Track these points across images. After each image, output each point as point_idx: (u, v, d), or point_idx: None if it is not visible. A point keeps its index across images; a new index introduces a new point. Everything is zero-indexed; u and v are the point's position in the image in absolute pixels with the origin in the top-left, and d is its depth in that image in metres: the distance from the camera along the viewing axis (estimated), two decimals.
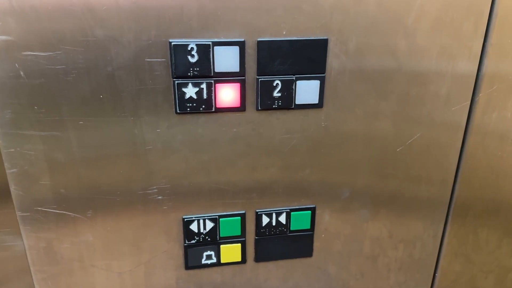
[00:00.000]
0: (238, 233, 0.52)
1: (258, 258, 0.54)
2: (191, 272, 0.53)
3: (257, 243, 0.53)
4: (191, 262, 0.52)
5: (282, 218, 0.52)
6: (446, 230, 0.57)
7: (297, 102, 0.46)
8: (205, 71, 0.43)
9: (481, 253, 0.59)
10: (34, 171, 0.45)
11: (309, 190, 0.52)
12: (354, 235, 0.55)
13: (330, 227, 0.54)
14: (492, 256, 0.60)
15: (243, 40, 0.43)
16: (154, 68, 0.43)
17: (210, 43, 0.42)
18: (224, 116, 0.46)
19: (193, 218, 0.50)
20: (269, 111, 0.47)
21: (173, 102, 0.44)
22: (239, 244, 0.52)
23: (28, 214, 0.47)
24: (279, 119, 0.47)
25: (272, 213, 0.51)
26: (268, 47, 0.43)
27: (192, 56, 0.42)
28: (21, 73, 0.41)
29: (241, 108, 0.46)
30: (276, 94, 0.45)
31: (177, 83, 0.43)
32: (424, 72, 0.48)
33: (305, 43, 0.44)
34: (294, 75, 0.45)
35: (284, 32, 0.43)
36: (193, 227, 0.50)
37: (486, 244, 0.59)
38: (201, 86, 0.44)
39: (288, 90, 0.45)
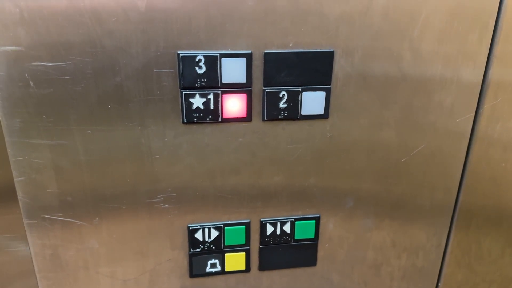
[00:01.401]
0: (243, 241, 0.52)
1: (262, 267, 0.54)
2: (196, 280, 0.54)
3: (261, 251, 0.53)
4: (196, 270, 0.52)
5: (287, 227, 0.52)
6: (450, 239, 0.57)
7: (302, 113, 0.47)
8: (212, 82, 0.44)
9: (484, 262, 0.60)
10: (42, 179, 0.45)
11: (314, 199, 0.52)
12: (358, 244, 0.55)
13: (334, 236, 0.54)
14: (495, 266, 0.60)
15: (250, 52, 0.43)
16: (162, 78, 0.43)
17: (218, 54, 0.43)
18: (230, 126, 0.46)
19: (198, 227, 0.50)
20: (275, 122, 0.47)
21: (180, 112, 0.45)
22: (244, 253, 0.53)
23: (35, 221, 0.47)
24: (284, 130, 0.48)
25: (276, 222, 0.52)
26: (275, 59, 0.44)
27: (200, 67, 0.43)
28: (31, 82, 0.41)
29: (248, 118, 0.46)
30: (282, 105, 0.46)
31: (184, 93, 0.44)
32: (429, 83, 0.48)
33: (311, 55, 0.44)
34: (300, 86, 0.46)
35: (290, 44, 0.44)
36: (198, 235, 0.51)
37: (489, 253, 0.59)
38: (208, 97, 0.44)
39: (294, 101, 0.46)
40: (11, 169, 0.44)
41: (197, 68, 0.43)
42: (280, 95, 0.45)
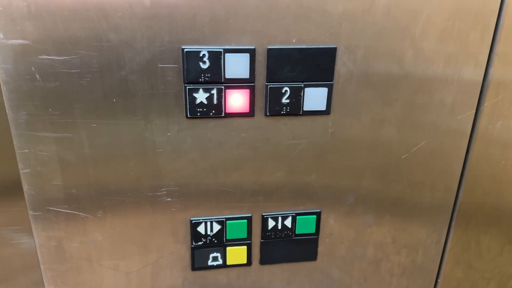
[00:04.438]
0: (244, 235, 0.53)
1: (263, 261, 0.55)
2: (197, 273, 0.54)
3: (262, 246, 0.54)
4: (198, 263, 0.53)
5: (288, 222, 0.53)
6: (449, 236, 0.57)
7: (305, 109, 0.47)
8: (216, 77, 0.44)
9: (483, 260, 0.60)
10: (47, 171, 0.46)
11: (315, 194, 0.52)
12: (358, 240, 0.56)
13: (334, 231, 0.55)
14: (494, 263, 0.60)
15: (253, 47, 0.44)
16: (166, 73, 0.44)
17: (222, 50, 0.43)
18: (233, 121, 0.47)
19: (201, 220, 0.51)
20: (277, 117, 0.47)
21: (184, 107, 0.45)
22: (245, 247, 0.53)
23: (40, 213, 0.48)
24: (286, 125, 0.48)
25: (278, 216, 0.52)
26: (278, 55, 0.44)
27: (204, 62, 0.43)
28: (37, 76, 0.42)
29: (250, 113, 0.47)
30: (284, 100, 0.46)
31: (188, 88, 0.44)
32: (430, 81, 0.48)
33: (314, 51, 0.45)
34: (302, 82, 0.46)
35: (293, 40, 0.44)
36: (200, 229, 0.51)
37: (488, 251, 0.59)
38: (212, 92, 0.45)
39: (297, 96, 0.46)
40: (17, 161, 0.45)
41: (201, 63, 0.43)
42: (283, 91, 0.46)
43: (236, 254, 0.53)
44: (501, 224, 0.58)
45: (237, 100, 0.46)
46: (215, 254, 0.53)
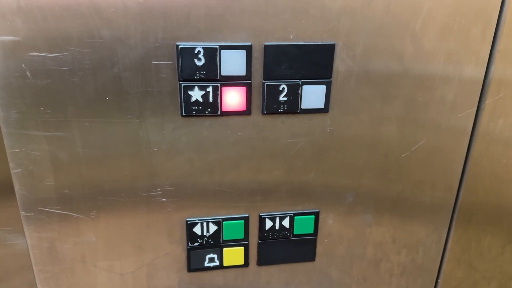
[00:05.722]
0: (241, 236, 0.52)
1: (260, 262, 0.54)
2: (194, 274, 0.53)
3: (260, 246, 0.53)
4: (194, 264, 0.52)
5: (286, 222, 0.52)
6: (450, 236, 0.57)
7: (302, 107, 0.46)
8: (211, 74, 0.43)
9: (484, 259, 0.59)
10: (39, 171, 0.45)
11: (313, 194, 0.52)
12: (357, 240, 0.55)
13: (333, 231, 0.54)
14: (495, 263, 0.60)
15: (250, 44, 0.43)
16: (160, 70, 0.43)
17: (217, 46, 0.42)
18: (229, 119, 0.46)
19: (197, 221, 0.50)
20: (275, 115, 0.47)
21: (179, 105, 0.44)
22: (242, 248, 0.53)
23: (32, 214, 0.47)
24: (284, 123, 0.47)
25: (275, 217, 0.52)
26: (275, 51, 0.43)
27: (199, 59, 0.42)
28: (28, 73, 0.41)
29: (247, 111, 0.46)
30: (282, 98, 0.45)
31: (183, 86, 0.43)
32: (430, 78, 0.48)
33: (312, 47, 0.44)
34: (300, 79, 0.45)
35: (291, 37, 0.43)
36: (197, 229, 0.50)
37: (489, 250, 0.59)
38: (207, 90, 0.44)
39: (294, 94, 0.45)
40: (7, 160, 0.44)
41: (196, 60, 0.42)
42: (280, 88, 0.45)
43: (233, 255, 0.53)
44: (502, 223, 0.57)
45: (233, 98, 0.45)
46: (211, 255, 0.52)
